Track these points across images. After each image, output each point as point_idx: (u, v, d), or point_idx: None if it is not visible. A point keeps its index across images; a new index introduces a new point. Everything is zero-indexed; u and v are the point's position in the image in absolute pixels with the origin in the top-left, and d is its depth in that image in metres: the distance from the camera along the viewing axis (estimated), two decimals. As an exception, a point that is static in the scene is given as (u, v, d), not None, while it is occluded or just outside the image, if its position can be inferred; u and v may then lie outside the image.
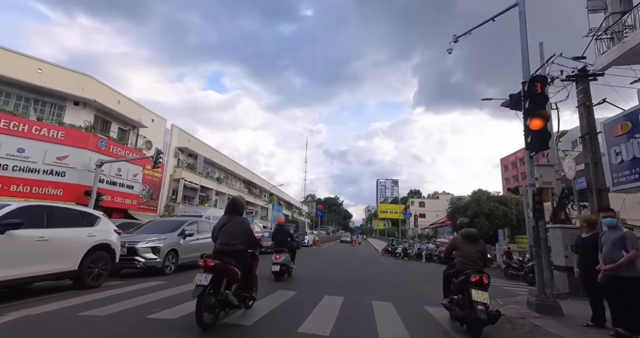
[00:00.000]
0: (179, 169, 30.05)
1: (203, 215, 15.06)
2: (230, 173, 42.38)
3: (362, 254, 27.41)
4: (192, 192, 32.46)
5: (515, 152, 66.38)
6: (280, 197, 64.16)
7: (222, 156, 39.45)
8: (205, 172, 35.55)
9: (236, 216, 4.93)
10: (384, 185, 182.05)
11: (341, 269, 14.20)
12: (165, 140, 28.68)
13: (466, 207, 33.65)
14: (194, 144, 32.83)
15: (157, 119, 27.47)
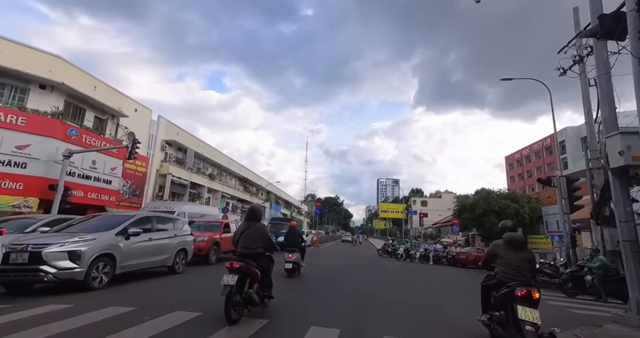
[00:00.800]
0: (166, 164, 27.72)
1: (176, 211, 12.78)
2: (224, 170, 40.04)
3: (363, 255, 25.07)
4: (181, 189, 30.12)
5: (520, 149, 63.94)
6: (278, 195, 61.81)
7: (215, 151, 37.10)
8: (196, 168, 33.20)
9: (255, 222, 5.39)
10: (384, 184, 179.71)
11: (338, 275, 11.81)
12: (150, 132, 26.36)
13: (474, 204, 31.19)
14: (184, 137, 30.49)
15: (141, 109, 25.14)
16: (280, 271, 8.88)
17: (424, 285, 11.16)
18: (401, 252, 22.30)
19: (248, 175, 46.47)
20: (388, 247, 26.07)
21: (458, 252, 22.66)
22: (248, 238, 5.11)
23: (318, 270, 12.24)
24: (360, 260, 19.92)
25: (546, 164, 56.11)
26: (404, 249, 22.38)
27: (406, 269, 16.13)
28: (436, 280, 12.84)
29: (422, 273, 15.03)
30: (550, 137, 55.48)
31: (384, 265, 17.89)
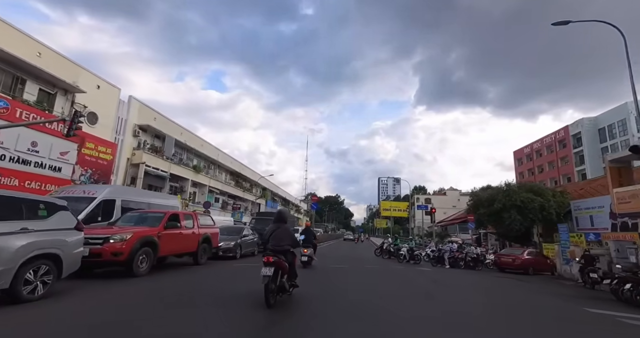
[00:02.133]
0: (139, 152, 23.79)
1: (98, 196, 8.87)
2: (212, 162, 36.09)
3: (367, 257, 21.08)
4: (158, 181, 26.19)
5: (530, 143, 59.89)
6: (275, 192, 57.86)
7: (200, 141, 33.16)
8: (178, 158, 29.26)
9: (283, 224, 6.43)
10: (385, 183, 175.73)
11: (335, 291, 7.85)
12: (119, 115, 22.44)
13: (492, 198, 27.13)
14: (162, 123, 26.55)
15: (106, 86, 21.20)
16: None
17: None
18: (404, 252, 18.24)
19: (241, 169, 42.51)
20: (389, 246, 22.07)
21: (500, 253, 18.42)
22: (277, 237, 6.04)
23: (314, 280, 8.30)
24: (362, 262, 16.06)
25: (559, 158, 52.02)
26: (408, 249, 18.26)
27: (425, 278, 12.18)
28: (496, 304, 8.75)
29: (454, 284, 11.06)
30: (564, 129, 51.45)
31: (397, 273, 13.90)
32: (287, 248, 6.03)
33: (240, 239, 13.29)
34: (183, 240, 8.97)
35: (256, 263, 11.63)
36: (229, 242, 12.53)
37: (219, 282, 8.06)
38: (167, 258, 10.23)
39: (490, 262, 18.99)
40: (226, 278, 8.81)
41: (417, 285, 9.83)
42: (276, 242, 5.95)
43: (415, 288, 9.09)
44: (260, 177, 43.23)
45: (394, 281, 10.73)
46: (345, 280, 9.39)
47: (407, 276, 12.24)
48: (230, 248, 12.36)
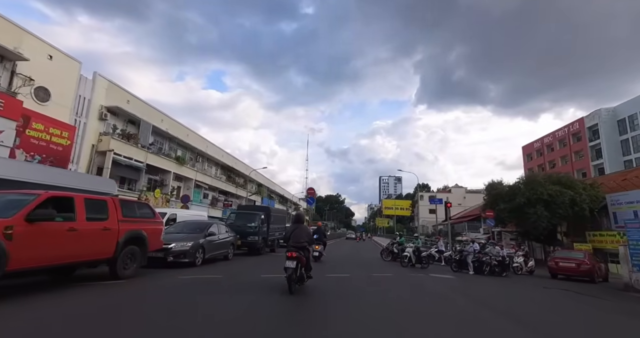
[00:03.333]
0: (107, 138, 20.21)
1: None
2: (200, 155, 32.50)
3: (372, 260, 17.44)
4: (132, 172, 22.62)
5: (541, 137, 56.09)
6: (272, 189, 54.25)
7: (186, 130, 29.56)
8: (157, 148, 25.69)
9: (301, 224, 7.33)
10: (386, 182, 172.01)
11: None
12: (79, 93, 18.88)
13: (513, 192, 23.48)
14: (137, 106, 22.99)
15: (61, 57, 17.65)
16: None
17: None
18: (409, 253, 14.55)
19: (234, 163, 38.91)
20: (391, 246, 18.31)
21: (558, 257, 14.50)
22: (297, 236, 6.95)
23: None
24: (365, 267, 12.54)
25: (573, 152, 48.23)
26: (413, 250, 14.35)
27: (451, 289, 8.60)
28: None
29: (512, 304, 7.46)
30: (578, 121, 47.69)
31: (410, 281, 10.28)
32: (304, 244, 6.91)
33: (205, 239, 9.72)
34: (78, 240, 5.36)
35: (221, 274, 8.24)
36: (184, 242, 8.93)
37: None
38: (73, 271, 6.65)
39: (519, 265, 15.28)
40: (132, 314, 4.64)
41: (458, 312, 6.17)
42: (296, 239, 6.89)
43: (458, 323, 5.45)
44: (252, 170, 39.56)
45: (418, 300, 7.12)
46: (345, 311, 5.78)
47: (432, 290, 8.62)
48: (184, 251, 8.75)
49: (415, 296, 7.65)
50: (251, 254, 14.39)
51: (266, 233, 15.27)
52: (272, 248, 17.08)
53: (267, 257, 13.98)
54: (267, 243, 15.76)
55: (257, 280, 7.96)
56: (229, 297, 5.90)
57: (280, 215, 18.66)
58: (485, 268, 13.82)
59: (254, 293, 6.25)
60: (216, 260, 10.76)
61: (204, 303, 5.27)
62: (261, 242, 14.47)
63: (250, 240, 13.91)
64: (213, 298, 5.66)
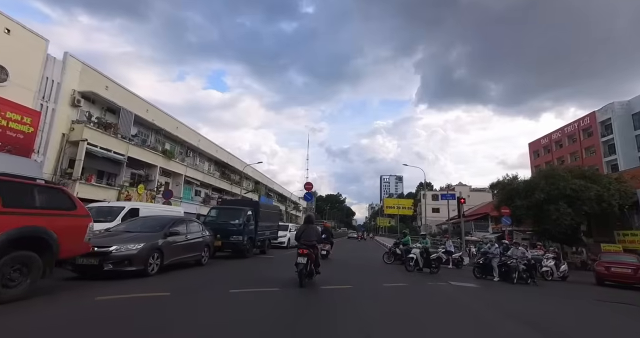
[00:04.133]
0: (80, 126, 17.93)
1: None
2: (192, 149, 30.20)
3: (375, 264, 15.09)
4: (111, 165, 20.32)
5: (549, 133, 53.65)
6: (270, 187, 51.92)
7: (175, 122, 27.25)
8: (141, 140, 23.40)
9: (311, 225, 7.92)
10: (387, 181, 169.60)
11: None
12: (46, 75, 16.61)
13: (531, 187, 21.13)
14: (117, 93, 20.69)
15: (22, 32, 15.39)
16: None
17: None
18: (415, 255, 12.06)
19: (229, 159, 36.58)
20: (394, 247, 15.89)
21: (608, 261, 11.90)
22: (307, 235, 7.53)
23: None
24: (368, 274, 10.23)
25: (584, 148, 45.77)
26: (421, 251, 12.29)
27: (492, 308, 6.32)
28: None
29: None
30: (589, 116, 45.24)
31: (431, 297, 7.95)
32: (314, 243, 7.54)
33: (164, 239, 7.40)
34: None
35: (171, 289, 5.71)
36: (132, 244, 6.60)
37: None
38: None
39: (549, 270, 12.90)
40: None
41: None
42: (306, 238, 7.48)
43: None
44: (246, 165, 37.14)
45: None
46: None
47: (468, 310, 6.28)
48: (129, 256, 6.42)
49: (458, 326, 5.29)
50: (236, 257, 12.09)
51: (254, 232, 12.94)
52: (263, 250, 14.76)
53: (253, 261, 11.66)
54: (256, 244, 13.43)
55: (219, 298, 5.58)
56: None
57: (272, 212, 16.30)
58: (514, 274, 11.34)
59: (198, 329, 3.88)
60: (183, 267, 8.45)
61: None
62: (247, 242, 12.14)
63: (233, 241, 11.58)
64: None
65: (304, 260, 6.99)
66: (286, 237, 19.66)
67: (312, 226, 7.88)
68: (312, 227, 7.87)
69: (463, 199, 18.76)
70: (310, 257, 7.15)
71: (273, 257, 14.20)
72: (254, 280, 7.72)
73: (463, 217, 18.40)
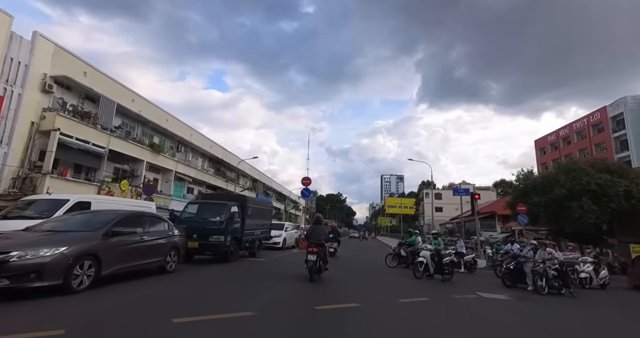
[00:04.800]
0: (52, 114, 16.01)
1: None
2: (184, 144, 28.27)
3: (380, 269, 13.10)
4: (89, 159, 18.38)
5: (556, 129, 51.60)
6: (268, 185, 49.96)
7: (165, 115, 25.31)
8: (125, 132, 21.47)
9: (319, 225, 8.47)
10: (388, 181, 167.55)
11: None
12: (10, 55, 14.70)
13: (550, 182, 19.16)
14: (97, 80, 18.76)
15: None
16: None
17: None
18: (425, 258, 10.05)
19: (224, 156, 34.65)
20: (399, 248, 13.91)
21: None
22: (316, 234, 8.03)
23: None
24: (376, 287, 8.29)
25: (594, 144, 43.68)
26: (432, 254, 10.24)
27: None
28: None
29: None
30: (600, 111, 43.16)
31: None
32: (322, 242, 8.01)
33: (102, 241, 5.44)
34: None
35: (65, 325, 3.30)
36: (47, 248, 4.61)
37: None
38: None
39: (588, 277, 10.88)
40: None
41: None
42: (315, 237, 7.95)
43: None
44: (240, 161, 35.09)
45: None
46: None
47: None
48: (40, 265, 4.32)
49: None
50: (218, 261, 10.13)
51: (239, 231, 10.95)
52: (252, 252, 12.79)
53: (238, 266, 9.68)
54: (242, 245, 11.45)
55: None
56: None
57: (264, 208, 14.24)
58: (540, 282, 9.28)
59: None
60: (138, 276, 6.49)
61: None
62: (231, 243, 10.17)
63: (214, 242, 9.60)
64: None
65: (314, 258, 7.58)
66: (281, 237, 17.70)
67: (320, 226, 8.47)
68: (321, 227, 8.49)
69: (478, 195, 16.77)
70: (319, 254, 7.71)
71: (265, 260, 12.23)
72: (227, 299, 5.68)
73: (477, 214, 16.42)
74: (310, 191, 19.22)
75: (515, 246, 12.85)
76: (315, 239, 7.87)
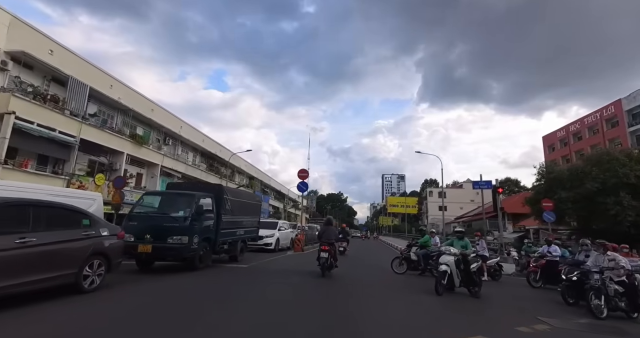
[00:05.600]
0: (5, 95, 13.67)
1: None
2: (172, 137, 25.91)
3: (394, 280, 10.66)
4: (55, 149, 16.01)
5: (566, 124, 49.07)
6: (266, 183, 47.55)
7: (150, 104, 22.96)
8: (101, 120, 19.10)
9: (330, 226, 9.34)
10: (389, 180, 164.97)
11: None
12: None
13: (579, 175, 16.70)
14: (65, 59, 16.40)
15: None
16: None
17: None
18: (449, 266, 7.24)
19: (218, 150, 32.29)
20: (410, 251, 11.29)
21: None
22: (327, 235, 8.87)
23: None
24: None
25: (607, 139, 41.13)
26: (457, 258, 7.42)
27: None
28: None
29: None
30: (614, 104, 40.65)
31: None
32: (333, 241, 8.85)
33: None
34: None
35: None
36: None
37: None
38: None
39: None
40: None
41: None
42: (327, 237, 8.78)
43: None
44: (232, 154, 32.62)
45: None
46: None
47: None
48: None
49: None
50: (182, 269, 7.74)
51: (212, 230, 8.52)
52: (234, 256, 10.37)
53: (203, 279, 7.19)
54: (218, 248, 9.02)
55: None
56: None
57: (248, 203, 11.52)
58: (602, 302, 6.64)
59: None
60: (35, 299, 4.11)
61: None
62: (198, 245, 7.73)
63: (173, 244, 7.16)
64: None
65: (326, 255, 8.31)
66: (274, 237, 15.30)
67: (331, 227, 9.27)
68: (332, 228, 9.27)
69: (501, 188, 14.30)
70: (330, 253, 8.42)
71: (247, 266, 9.80)
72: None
73: (500, 210, 13.90)
74: (307, 185, 16.80)
75: (553, 248, 10.42)
76: (327, 239, 8.72)
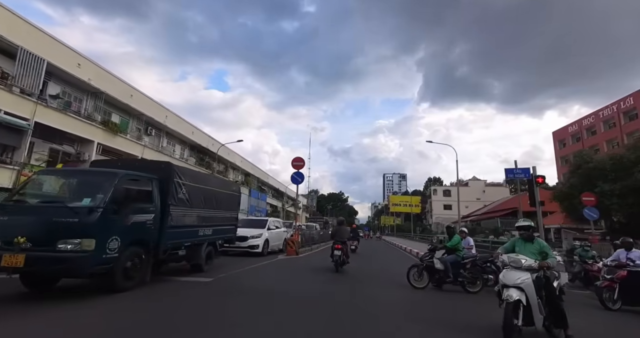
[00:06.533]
0: None
1: None
2: (154, 126, 23.22)
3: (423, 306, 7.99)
4: (4, 135, 13.34)
5: (578, 119, 46.22)
6: (263, 180, 44.79)
7: (129, 89, 20.25)
8: (63, 102, 16.41)
9: (342, 226, 10.49)
10: (391, 180, 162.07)
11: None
12: None
13: (625, 164, 13.90)
14: (16, 28, 13.70)
15: None
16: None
17: None
18: (526, 293, 3.86)
19: (210, 144, 29.60)
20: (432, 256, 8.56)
21: None
22: (340, 234, 9.83)
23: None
24: None
25: (625, 133, 38.25)
26: (538, 276, 3.99)
27: None
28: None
29: None
30: (632, 96, 37.78)
31: None
32: (345, 240, 9.75)
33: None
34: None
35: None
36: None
37: None
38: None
39: None
40: None
41: None
42: (339, 236, 9.72)
43: None
44: (221, 145, 29.71)
45: None
46: None
47: None
48: None
49: None
50: (109, 289, 5.04)
51: (154, 228, 5.76)
52: (197, 264, 7.61)
53: (118, 311, 4.49)
54: (166, 254, 6.25)
55: None
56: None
57: (221, 192, 8.23)
58: None
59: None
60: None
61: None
62: (117, 253, 4.85)
63: (64, 253, 4.32)
64: None
65: (339, 253, 9.22)
66: (262, 239, 12.56)
67: (343, 227, 10.38)
68: (344, 227, 10.38)
69: (541, 178, 11.51)
70: (343, 251, 9.33)
71: (209, 281, 6.81)
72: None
73: (539, 205, 11.12)
74: (303, 176, 14.08)
75: (636, 253, 7.61)
76: (340, 238, 9.65)
